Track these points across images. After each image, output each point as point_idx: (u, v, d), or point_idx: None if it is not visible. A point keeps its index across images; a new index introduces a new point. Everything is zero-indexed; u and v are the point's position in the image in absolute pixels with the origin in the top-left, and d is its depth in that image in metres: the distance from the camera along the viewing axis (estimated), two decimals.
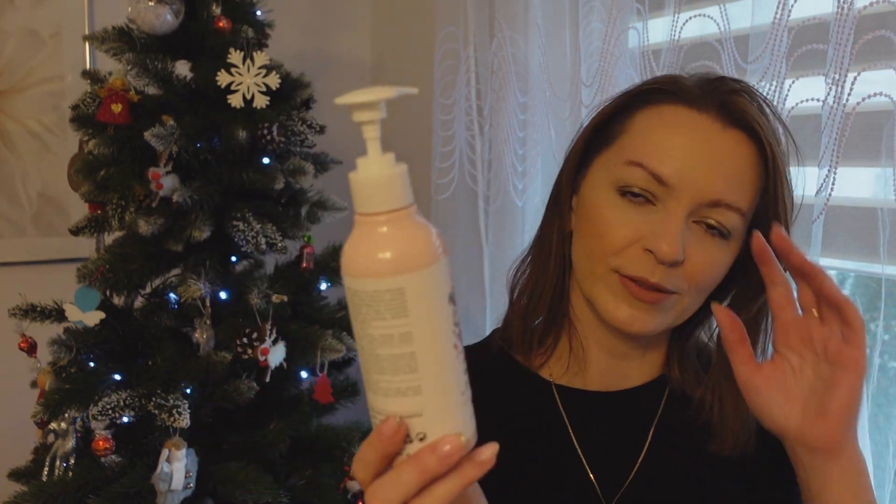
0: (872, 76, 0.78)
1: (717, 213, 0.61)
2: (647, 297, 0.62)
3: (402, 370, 0.41)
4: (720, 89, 0.64)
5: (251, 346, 1.17)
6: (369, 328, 0.41)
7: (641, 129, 0.64)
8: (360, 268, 0.41)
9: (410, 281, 0.41)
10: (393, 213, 0.42)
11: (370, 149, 0.44)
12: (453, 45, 1.47)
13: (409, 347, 0.41)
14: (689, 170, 0.61)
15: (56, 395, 1.13)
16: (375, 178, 0.43)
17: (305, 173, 1.27)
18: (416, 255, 0.41)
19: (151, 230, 1.15)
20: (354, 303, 0.42)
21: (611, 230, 0.63)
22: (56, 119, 1.63)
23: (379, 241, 0.41)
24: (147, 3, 1.19)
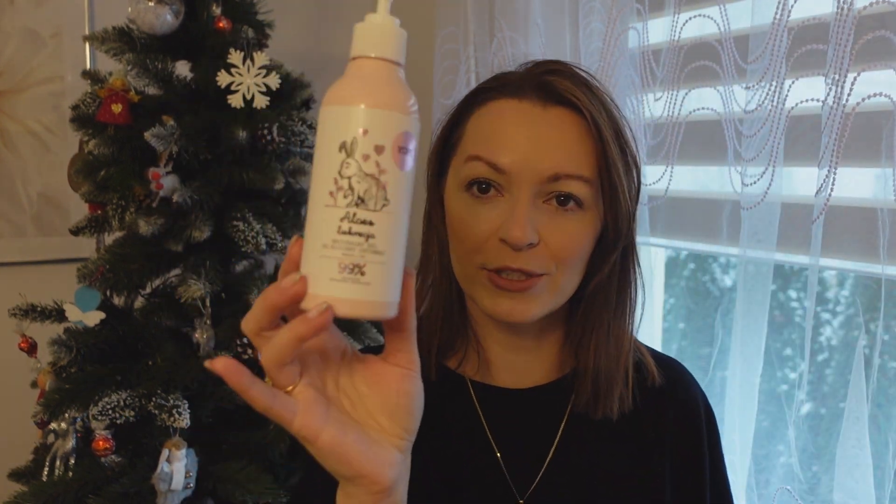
0: (872, 76, 0.78)
1: (561, 184, 0.64)
2: (515, 286, 0.64)
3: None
4: (535, 73, 0.69)
5: (251, 346, 1.17)
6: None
7: (475, 128, 0.68)
8: (327, 96, 0.45)
9: (323, 112, 0.44)
10: (381, 60, 0.45)
11: (380, 6, 0.46)
12: (453, 45, 1.47)
13: (309, 190, 0.45)
14: (522, 153, 0.64)
15: (56, 396, 1.13)
16: (377, 27, 0.46)
17: (305, 173, 1.28)
18: (344, 93, 0.44)
19: (151, 230, 1.15)
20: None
21: (468, 229, 0.66)
22: (56, 119, 1.63)
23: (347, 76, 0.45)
24: (147, 4, 1.19)
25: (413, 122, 0.45)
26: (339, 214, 0.43)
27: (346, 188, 0.43)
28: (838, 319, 1.03)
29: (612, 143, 0.65)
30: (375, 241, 0.43)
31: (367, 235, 0.43)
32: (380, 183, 0.43)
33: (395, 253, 0.44)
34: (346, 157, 0.43)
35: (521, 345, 0.73)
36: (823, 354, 1.03)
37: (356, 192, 0.43)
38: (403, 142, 0.44)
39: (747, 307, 0.94)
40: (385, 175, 0.43)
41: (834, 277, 1.03)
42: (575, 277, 0.68)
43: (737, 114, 0.93)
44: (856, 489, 0.82)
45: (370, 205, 0.43)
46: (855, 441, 0.81)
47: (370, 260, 0.43)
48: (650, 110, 1.06)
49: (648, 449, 0.72)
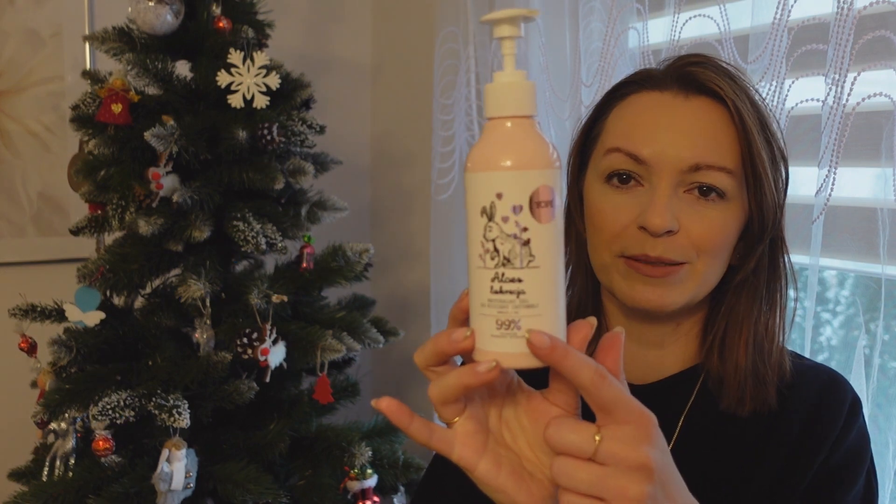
0: (872, 76, 0.78)
1: (702, 175, 0.63)
2: (655, 272, 0.64)
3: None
4: (677, 65, 0.68)
5: (251, 346, 1.17)
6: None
7: (615, 122, 0.69)
8: (467, 161, 0.47)
9: (466, 179, 0.47)
10: (510, 119, 0.46)
11: (507, 63, 0.47)
12: (453, 45, 1.47)
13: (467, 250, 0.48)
14: (662, 143, 0.64)
15: (56, 396, 1.13)
16: (503, 87, 0.47)
17: (305, 173, 1.27)
18: (486, 156, 0.46)
19: (151, 230, 1.15)
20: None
21: (607, 218, 0.66)
22: (56, 119, 1.63)
23: (493, 139, 0.46)
24: (147, 4, 1.19)
25: (550, 174, 0.46)
26: (490, 275, 0.46)
27: (491, 250, 0.45)
28: (838, 319, 1.03)
29: (757, 133, 0.64)
30: (527, 297, 0.45)
31: (518, 292, 0.45)
32: (522, 241, 0.45)
33: (550, 303, 0.46)
34: (487, 221, 0.45)
35: (654, 339, 0.71)
36: (823, 354, 1.02)
37: (501, 253, 0.45)
38: (541, 196, 0.45)
39: None
40: (527, 232, 0.45)
41: (834, 277, 1.03)
42: (718, 268, 0.66)
43: None
44: None
45: (516, 263, 0.45)
46: None
47: (524, 315, 0.45)
48: None
49: (769, 451, 0.67)
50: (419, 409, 0.48)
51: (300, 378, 1.34)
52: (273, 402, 1.28)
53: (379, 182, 1.95)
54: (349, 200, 1.43)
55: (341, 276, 1.33)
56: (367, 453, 1.24)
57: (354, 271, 1.33)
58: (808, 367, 0.70)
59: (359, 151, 1.94)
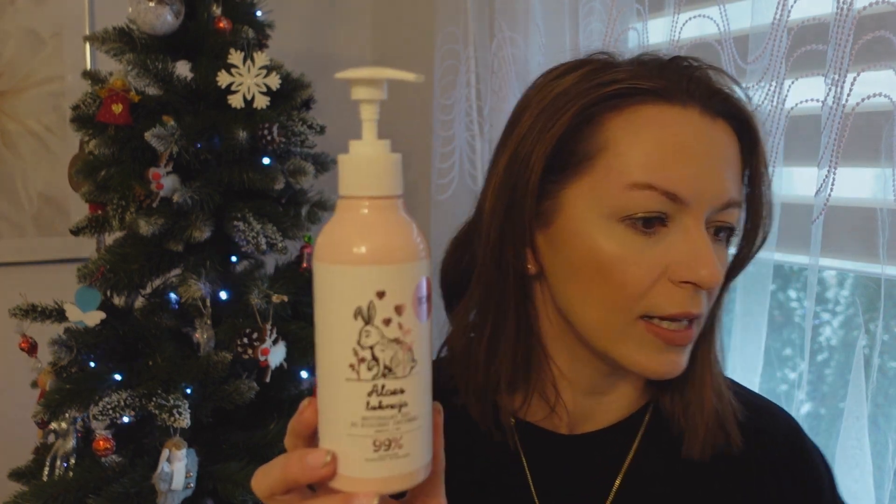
0: (872, 77, 0.78)
1: (727, 214, 0.55)
2: (685, 339, 0.54)
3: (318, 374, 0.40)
4: (699, 76, 0.56)
5: (251, 346, 1.17)
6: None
7: (629, 142, 0.54)
8: (323, 250, 0.39)
9: (321, 271, 0.38)
10: (376, 199, 0.39)
11: (366, 130, 0.39)
12: (453, 45, 1.47)
13: (316, 353, 0.39)
14: (700, 179, 0.53)
15: (56, 396, 1.13)
16: (369, 160, 0.39)
17: (306, 173, 1.28)
18: (338, 246, 0.38)
19: (152, 230, 1.15)
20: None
21: (629, 271, 0.53)
22: (57, 119, 1.63)
23: (352, 226, 0.39)
24: (147, 4, 1.20)
25: (427, 263, 0.39)
26: (366, 389, 0.38)
27: (369, 359, 0.38)
28: (838, 319, 1.03)
29: (764, 161, 0.58)
30: (409, 409, 0.38)
31: (400, 405, 0.38)
32: (405, 345, 0.38)
33: (427, 412, 0.40)
34: (364, 324, 0.37)
35: (602, 386, 0.62)
36: (823, 354, 1.03)
37: (381, 361, 0.38)
38: (422, 291, 0.38)
39: (747, 307, 0.94)
40: (409, 335, 0.38)
41: (833, 277, 1.03)
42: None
43: None
44: (856, 489, 0.82)
45: (399, 372, 0.38)
46: (855, 441, 0.81)
47: (405, 430, 0.38)
48: None
49: (739, 496, 0.62)
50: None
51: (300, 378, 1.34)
52: (273, 402, 1.28)
53: None
54: None
55: None
56: None
57: None
58: (753, 402, 0.64)
59: None
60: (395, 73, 0.38)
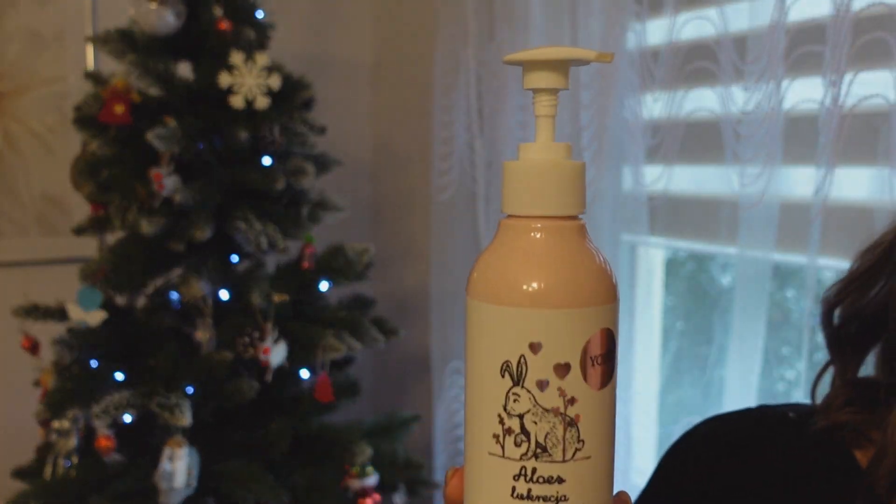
0: (869, 78, 0.78)
1: None
2: None
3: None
4: None
5: (252, 345, 1.17)
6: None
7: None
8: (475, 281, 0.32)
9: (472, 307, 0.31)
10: (556, 220, 0.30)
11: (541, 130, 0.31)
12: (453, 45, 1.48)
13: (465, 410, 0.32)
14: None
15: (58, 395, 1.14)
16: (546, 168, 0.30)
17: (306, 174, 1.28)
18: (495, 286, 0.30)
19: (153, 230, 1.16)
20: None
21: None
22: (59, 120, 1.64)
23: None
24: (149, 5, 1.20)
25: (610, 310, 0.30)
26: (512, 471, 0.30)
27: (517, 431, 0.30)
28: None
29: None
30: (570, 502, 0.30)
31: (557, 499, 0.30)
32: (567, 419, 0.29)
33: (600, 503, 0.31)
34: (512, 385, 0.29)
35: None
36: (821, 354, 1.03)
37: (533, 436, 0.29)
38: (601, 349, 0.30)
39: (745, 307, 0.94)
40: (575, 406, 0.29)
41: (832, 277, 1.03)
42: None
43: (735, 114, 0.94)
44: None
45: (556, 454, 0.30)
46: None
47: None
48: (649, 111, 1.07)
49: None
50: (419, 408, 0.48)
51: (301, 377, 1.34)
52: (274, 401, 1.28)
53: (379, 182, 1.95)
54: (349, 200, 1.44)
55: (342, 275, 1.34)
56: (368, 452, 1.25)
57: (355, 271, 1.34)
58: None
59: (359, 151, 1.94)
60: (578, 53, 0.30)
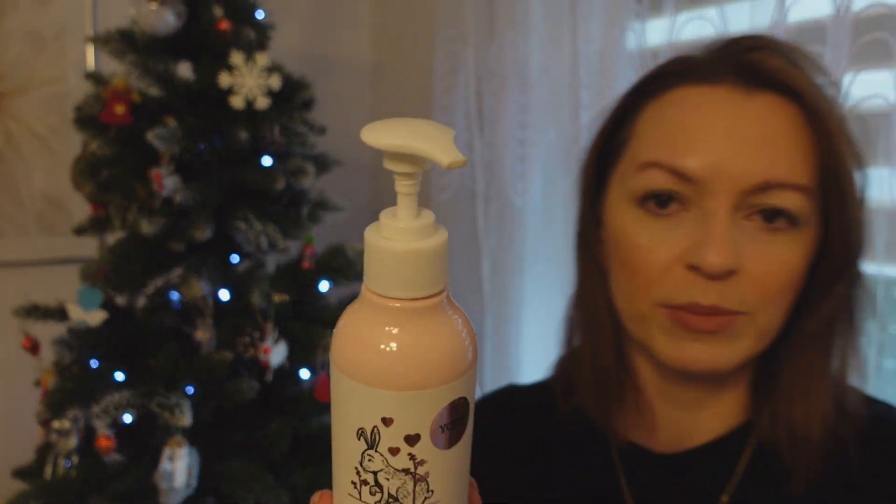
0: (869, 78, 0.78)
1: (771, 196, 0.49)
2: (708, 326, 0.49)
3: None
4: (732, 51, 0.52)
5: (253, 345, 1.18)
6: None
7: (650, 125, 0.53)
8: (336, 351, 0.33)
9: (334, 375, 0.32)
10: (413, 301, 0.31)
11: (402, 208, 0.31)
12: (453, 46, 1.48)
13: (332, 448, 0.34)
14: (717, 154, 0.49)
15: (59, 395, 1.14)
16: (395, 255, 0.31)
17: (306, 174, 1.28)
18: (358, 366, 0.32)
19: (154, 230, 1.16)
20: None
21: (643, 255, 0.51)
22: (59, 120, 1.64)
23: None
24: (149, 6, 1.20)
25: (466, 380, 0.32)
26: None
27: (371, 483, 0.32)
28: None
29: (841, 138, 0.50)
30: None
31: None
32: (417, 476, 0.31)
33: None
34: (366, 448, 0.31)
35: (696, 400, 0.56)
36: None
37: (386, 489, 0.32)
38: (448, 418, 0.31)
39: None
40: (424, 466, 0.31)
41: None
42: (782, 315, 0.52)
43: None
44: None
45: (407, 503, 0.32)
46: None
47: None
48: None
49: None
50: None
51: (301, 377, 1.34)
52: (274, 401, 1.28)
53: (380, 182, 1.95)
54: (350, 200, 1.44)
55: (342, 275, 1.34)
56: None
57: (355, 271, 1.34)
58: (882, 411, 0.57)
59: (359, 151, 1.94)
60: (431, 154, 0.30)
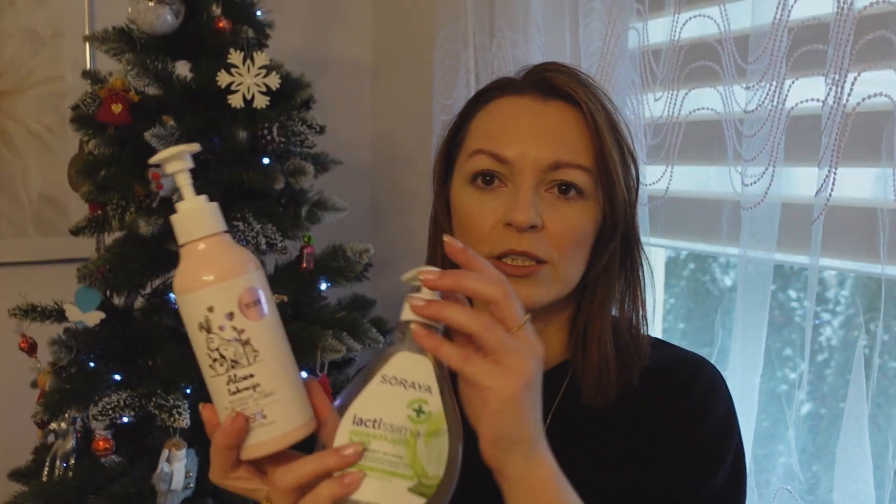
0: (872, 76, 0.78)
1: (561, 173, 0.68)
2: (520, 271, 0.67)
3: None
4: (534, 72, 0.73)
5: None
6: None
7: (478, 126, 0.73)
8: (174, 287, 0.52)
9: (178, 301, 0.51)
10: (201, 240, 0.51)
11: (185, 193, 0.53)
12: (453, 45, 1.47)
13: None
14: (524, 144, 0.68)
15: (56, 396, 1.13)
16: (186, 213, 0.52)
17: (305, 173, 1.28)
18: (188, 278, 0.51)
19: (151, 230, 1.15)
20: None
21: (475, 219, 0.69)
22: (56, 119, 1.63)
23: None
24: (147, 4, 1.20)
25: (251, 277, 0.51)
26: (224, 380, 0.50)
27: (219, 358, 0.50)
28: (838, 319, 1.03)
29: (608, 134, 0.69)
30: (262, 387, 0.50)
31: (253, 386, 0.50)
32: (243, 341, 0.50)
33: (286, 385, 0.51)
34: (207, 334, 0.50)
35: None
36: (823, 354, 1.03)
37: (227, 357, 0.50)
38: (248, 298, 0.50)
39: (747, 307, 0.94)
40: (245, 332, 0.49)
41: (834, 277, 1.03)
42: (578, 265, 0.70)
43: (737, 114, 0.93)
44: (856, 489, 0.82)
45: (243, 362, 0.50)
46: (855, 441, 0.81)
47: (265, 404, 0.50)
48: (650, 110, 1.06)
49: (639, 433, 0.70)
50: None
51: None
52: None
53: (379, 182, 1.95)
54: (349, 200, 1.43)
55: (341, 276, 1.33)
56: None
57: (354, 271, 1.33)
58: (672, 355, 0.74)
59: (359, 151, 1.94)
60: (190, 147, 0.54)
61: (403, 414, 0.49)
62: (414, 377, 0.50)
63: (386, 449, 0.48)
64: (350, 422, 0.49)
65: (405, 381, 0.50)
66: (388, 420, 0.49)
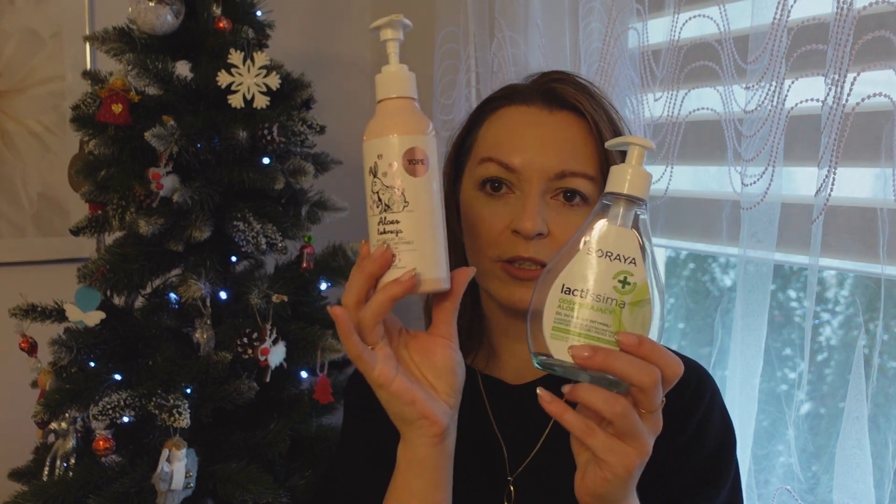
0: (872, 76, 0.78)
1: (567, 181, 0.71)
2: (527, 275, 0.70)
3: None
4: (540, 82, 0.76)
5: (251, 346, 1.17)
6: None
7: (487, 134, 0.76)
8: (365, 133, 0.59)
9: (363, 148, 0.59)
10: (391, 100, 0.59)
11: (391, 59, 0.60)
12: (453, 45, 1.47)
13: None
14: (531, 153, 0.71)
15: (56, 395, 1.13)
16: (387, 75, 0.60)
17: (305, 173, 1.28)
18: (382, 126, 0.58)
19: (152, 230, 1.15)
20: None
21: (483, 224, 0.72)
22: (56, 119, 1.63)
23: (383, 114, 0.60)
24: (147, 4, 1.20)
25: (421, 139, 0.57)
26: (377, 220, 0.59)
27: (377, 200, 0.58)
28: (838, 319, 1.03)
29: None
30: (404, 234, 0.57)
31: (396, 232, 0.58)
32: (398, 191, 0.57)
33: (424, 241, 0.58)
34: (373, 177, 0.58)
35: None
36: (823, 354, 1.03)
37: (383, 201, 0.58)
38: (412, 156, 0.57)
39: (747, 307, 0.94)
40: (401, 183, 0.57)
41: (833, 277, 1.03)
42: None
43: (737, 114, 0.93)
44: (855, 489, 0.82)
45: (394, 208, 0.57)
46: (854, 441, 0.81)
47: (402, 250, 0.57)
48: (650, 110, 1.06)
49: None
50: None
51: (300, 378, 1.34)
52: (273, 402, 1.28)
53: None
54: (349, 200, 1.43)
55: (341, 275, 1.33)
56: None
57: None
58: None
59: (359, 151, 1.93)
60: (404, 20, 0.60)
61: (609, 285, 0.53)
62: (619, 249, 0.53)
63: (593, 317, 0.53)
64: (559, 290, 0.53)
65: (611, 254, 0.53)
66: (595, 290, 0.53)
